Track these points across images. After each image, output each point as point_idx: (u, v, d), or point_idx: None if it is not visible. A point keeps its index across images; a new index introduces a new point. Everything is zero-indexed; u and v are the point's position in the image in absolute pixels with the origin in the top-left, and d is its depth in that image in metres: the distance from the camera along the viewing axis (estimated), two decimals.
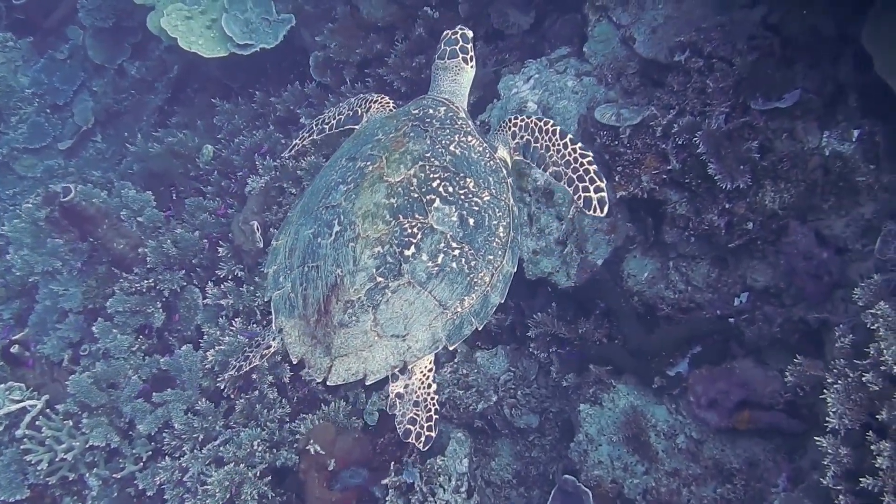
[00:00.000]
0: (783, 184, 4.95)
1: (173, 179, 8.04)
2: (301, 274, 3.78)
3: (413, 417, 3.73)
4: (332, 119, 4.83)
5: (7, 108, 10.56)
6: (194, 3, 8.23)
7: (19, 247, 7.54)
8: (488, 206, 3.80)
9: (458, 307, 3.66)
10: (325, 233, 3.73)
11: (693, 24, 5.37)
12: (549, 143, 4.08)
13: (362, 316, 3.56)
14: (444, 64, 4.43)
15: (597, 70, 5.78)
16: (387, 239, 3.58)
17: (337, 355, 3.59)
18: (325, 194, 3.90)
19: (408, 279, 3.56)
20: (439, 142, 3.88)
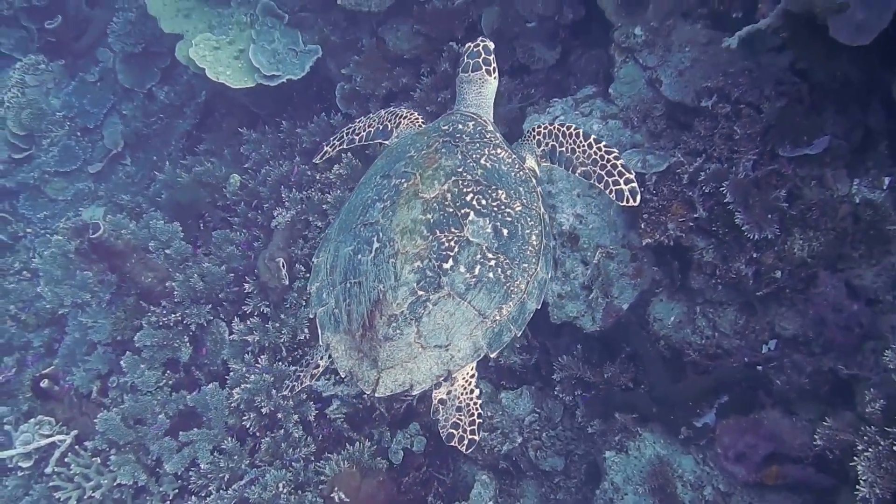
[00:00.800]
0: (812, 232, 4.89)
1: (201, 209, 8.08)
2: (344, 290, 3.86)
3: (456, 422, 3.79)
4: (362, 130, 4.90)
5: (39, 130, 10.67)
6: (222, 34, 8.27)
7: (49, 279, 7.62)
8: (520, 216, 3.88)
9: (497, 315, 3.74)
10: (365, 249, 3.81)
11: (720, 67, 5.31)
12: (574, 145, 4.17)
13: (406, 329, 3.64)
14: (468, 77, 4.49)
15: (623, 112, 5.74)
16: (425, 254, 3.67)
17: (384, 367, 3.68)
18: (363, 212, 3.98)
19: (447, 291, 3.65)
20: (470, 156, 3.96)
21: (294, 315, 6.57)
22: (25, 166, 10.56)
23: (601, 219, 5.55)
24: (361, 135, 4.89)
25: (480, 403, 3.86)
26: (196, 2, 8.70)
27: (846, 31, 4.11)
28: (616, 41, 5.88)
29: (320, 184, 7.42)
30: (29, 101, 10.70)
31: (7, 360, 8.29)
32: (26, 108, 10.65)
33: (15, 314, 8.62)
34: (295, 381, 4.19)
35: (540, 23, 6.88)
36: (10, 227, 10.25)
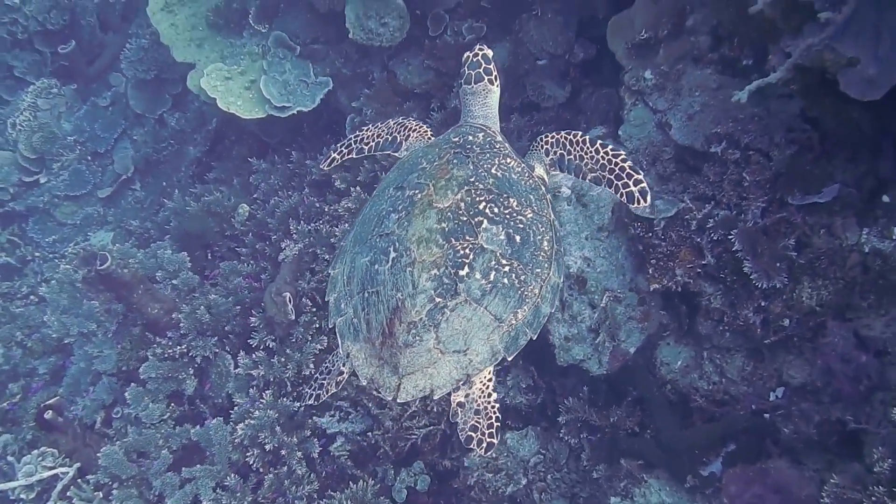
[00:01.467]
0: (821, 281, 4.86)
1: (209, 239, 8.09)
2: (362, 300, 3.96)
3: (474, 425, 3.89)
4: (371, 140, 4.97)
5: (50, 154, 10.72)
6: (234, 64, 8.31)
7: (56, 308, 7.62)
8: (532, 223, 3.99)
9: (513, 320, 3.85)
10: (381, 259, 3.91)
11: (729, 113, 5.29)
12: (581, 152, 4.31)
13: (425, 335, 3.74)
14: (472, 89, 4.59)
15: (632, 155, 5.72)
16: (441, 261, 3.78)
17: (404, 374, 3.77)
18: (378, 223, 4.07)
19: (464, 297, 3.75)
20: (481, 166, 4.09)
21: (300, 350, 6.55)
22: (35, 190, 10.62)
23: (609, 262, 5.53)
24: (371, 144, 4.97)
25: (498, 407, 3.96)
26: (209, 32, 8.74)
27: (857, 86, 4.09)
28: (626, 84, 5.88)
29: (329, 216, 7.42)
30: (40, 125, 10.76)
31: (12, 386, 8.28)
32: (38, 131, 10.72)
33: (21, 340, 8.61)
34: (319, 391, 4.25)
35: (550, 61, 6.90)
36: (19, 250, 10.29)
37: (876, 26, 4.01)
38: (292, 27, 8.23)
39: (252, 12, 8.34)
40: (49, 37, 11.52)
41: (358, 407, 6.40)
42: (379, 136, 4.95)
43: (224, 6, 8.60)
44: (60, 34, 11.47)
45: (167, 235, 8.69)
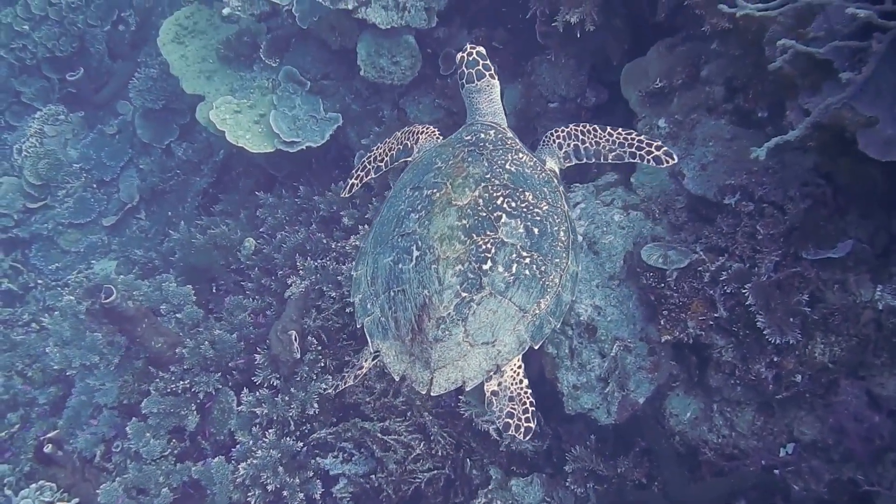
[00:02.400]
0: (834, 337, 4.82)
1: (214, 273, 8.05)
2: (388, 299, 4.04)
3: (510, 412, 4.03)
4: (384, 156, 5.09)
5: (55, 181, 10.70)
6: (243, 97, 8.31)
7: (59, 339, 7.55)
8: (548, 215, 4.13)
9: (536, 309, 3.97)
10: (405, 259, 4.01)
11: (744, 164, 5.28)
12: (596, 137, 4.59)
13: (454, 329, 3.85)
14: (476, 87, 4.70)
15: (644, 203, 5.70)
16: (465, 257, 3.89)
17: (436, 368, 3.88)
18: (398, 223, 4.17)
19: (489, 290, 3.88)
20: (495, 162, 4.21)
21: (304, 389, 6.49)
22: (39, 216, 10.58)
23: (620, 311, 5.49)
24: (385, 160, 5.09)
25: (531, 392, 4.11)
26: (219, 64, 8.76)
27: (875, 146, 4.08)
28: (639, 131, 5.86)
29: (336, 252, 7.39)
30: (47, 152, 10.76)
31: (11, 416, 8.22)
32: (44, 158, 10.72)
33: (21, 370, 8.55)
34: (339, 381, 4.50)
35: (562, 104, 6.91)
36: (22, 277, 10.25)
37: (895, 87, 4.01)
38: (303, 62, 8.25)
39: (263, 46, 8.36)
40: (57, 63, 11.57)
41: (362, 448, 6.34)
42: (390, 149, 5.06)
43: (235, 39, 8.62)
44: (69, 61, 11.51)
45: (172, 267, 8.66)
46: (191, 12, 9.35)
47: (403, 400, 6.42)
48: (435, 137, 4.91)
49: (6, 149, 11.36)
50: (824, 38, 4.18)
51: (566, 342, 5.58)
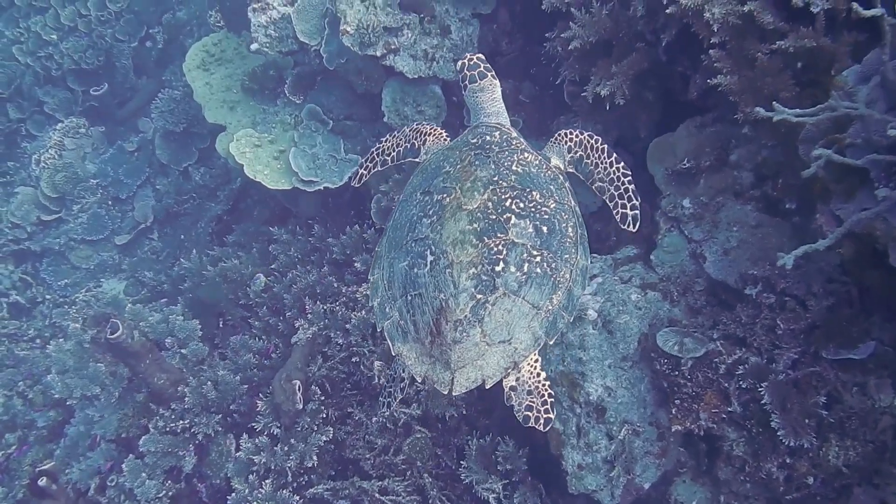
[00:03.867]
0: (850, 441, 4.70)
1: (222, 308, 7.97)
2: (405, 302, 4.12)
3: (529, 405, 4.11)
4: (391, 150, 5.16)
5: (71, 195, 10.68)
6: (265, 131, 8.25)
7: (61, 368, 7.48)
8: (556, 212, 4.20)
9: (549, 305, 4.05)
10: (420, 263, 4.08)
11: (767, 252, 5.18)
12: (598, 160, 4.61)
13: (471, 331, 3.92)
14: (479, 86, 4.76)
15: (663, 283, 5.60)
16: (478, 260, 3.96)
17: (456, 368, 3.95)
18: (410, 228, 4.24)
19: (502, 291, 3.94)
20: (502, 164, 4.28)
21: (304, 440, 6.39)
22: (52, 231, 10.54)
23: (631, 394, 5.38)
24: (392, 155, 5.14)
25: (549, 384, 4.17)
26: (242, 95, 8.71)
27: None
28: (663, 209, 5.78)
29: (346, 297, 7.30)
30: (65, 164, 10.77)
31: (9, 436, 8.15)
32: (61, 170, 10.73)
33: (23, 391, 8.49)
34: (389, 398, 4.48)
35: None
36: (31, 290, 10.20)
37: None
38: (327, 101, 8.19)
39: (288, 82, 8.30)
40: (82, 76, 11.59)
41: None
42: (398, 145, 5.12)
43: (260, 72, 8.58)
44: (94, 74, 11.54)
45: (180, 296, 8.58)
46: (219, 39, 9.33)
47: (404, 458, 6.32)
48: (442, 139, 4.98)
49: (25, 158, 11.37)
50: (861, 146, 4.09)
51: (573, 419, 5.47)
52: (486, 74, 4.77)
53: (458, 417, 6.40)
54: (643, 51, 5.76)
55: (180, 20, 11.97)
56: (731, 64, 5.05)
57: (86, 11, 11.76)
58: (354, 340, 6.83)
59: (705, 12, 4.97)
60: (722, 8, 4.95)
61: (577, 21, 5.83)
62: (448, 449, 6.47)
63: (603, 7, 5.85)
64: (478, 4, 7.27)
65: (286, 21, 7.85)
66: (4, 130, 11.60)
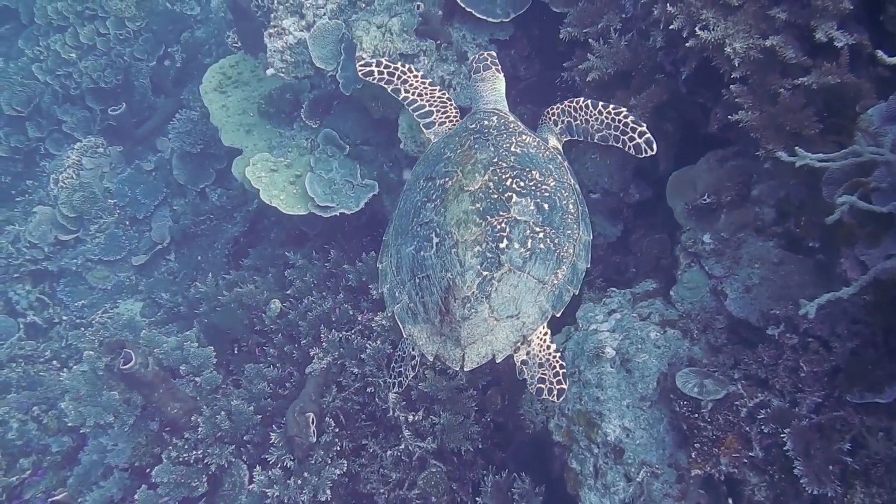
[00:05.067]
0: (875, 489, 4.55)
1: (237, 334, 7.91)
2: (414, 285, 4.27)
3: (541, 377, 4.27)
4: (412, 91, 5.33)
5: (88, 214, 10.68)
6: (281, 155, 8.20)
7: (75, 396, 7.44)
8: (556, 190, 4.36)
9: (554, 280, 4.20)
10: (426, 246, 4.22)
11: (789, 290, 5.06)
12: (586, 115, 4.74)
13: (479, 307, 4.05)
14: (481, 76, 5.09)
15: (682, 320, 5.48)
16: (482, 238, 4.10)
17: (467, 344, 4.09)
18: (415, 214, 4.40)
19: (508, 267, 4.08)
20: (501, 146, 4.45)
21: (317, 474, 6.31)
22: (70, 251, 10.55)
23: (649, 435, 5.26)
24: (410, 94, 5.30)
25: (560, 356, 4.36)
26: (259, 119, 8.68)
27: None
28: (683, 244, 5.66)
29: (361, 325, 7.22)
30: (82, 184, 10.78)
31: (23, 461, 8.13)
32: (79, 190, 10.73)
33: (37, 415, 8.46)
34: (400, 378, 4.59)
35: (604, 196, 6.70)
36: (48, 310, 10.20)
37: None
38: (343, 126, 8.12)
39: (305, 106, 8.25)
40: (101, 94, 11.62)
41: None
42: (421, 95, 5.27)
43: (277, 96, 8.53)
44: (112, 93, 11.56)
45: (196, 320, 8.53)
46: (235, 61, 9.31)
47: (419, 493, 6.23)
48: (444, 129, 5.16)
49: (43, 177, 11.37)
50: (887, 191, 3.97)
51: (591, 459, 5.36)
52: (490, 67, 5.06)
53: (473, 451, 6.31)
54: (663, 83, 5.65)
55: (199, 39, 11.98)
56: (753, 99, 4.94)
57: (104, 30, 11.79)
58: (370, 370, 6.76)
59: (726, 46, 4.87)
60: (743, 42, 4.85)
61: (595, 52, 5.73)
62: (463, 484, 6.38)
63: (621, 38, 5.75)
64: (495, 30, 7.18)
65: (302, 46, 7.79)
66: (23, 149, 11.62)
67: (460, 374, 6.26)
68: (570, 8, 6.37)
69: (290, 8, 7.85)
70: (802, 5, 4.78)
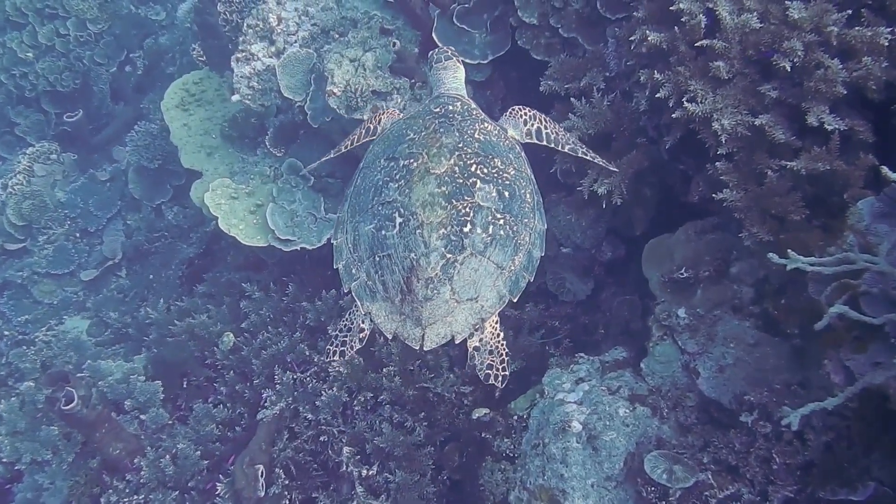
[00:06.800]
0: None
1: (187, 368, 7.58)
2: (373, 263, 4.37)
3: (490, 363, 4.38)
4: (354, 137, 5.56)
5: (38, 224, 10.24)
6: (242, 182, 7.88)
7: (11, 429, 7.05)
8: (515, 179, 4.52)
9: (512, 266, 4.35)
10: (388, 225, 4.31)
11: (765, 374, 4.92)
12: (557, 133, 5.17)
13: (441, 288, 4.19)
14: (442, 65, 5.25)
15: (652, 395, 5.31)
16: (447, 221, 4.21)
17: (427, 324, 4.23)
18: (376, 192, 4.48)
19: (470, 251, 4.22)
20: (465, 132, 4.56)
21: None
22: (16, 262, 10.09)
23: None
24: (353, 139, 5.53)
25: (506, 343, 4.50)
26: (221, 141, 8.36)
27: None
28: (656, 315, 5.48)
29: (317, 367, 6.95)
30: (33, 192, 10.35)
31: None
32: (29, 198, 10.30)
33: None
34: (343, 347, 4.61)
35: (575, 250, 6.52)
36: None
37: None
38: (309, 156, 7.79)
39: (270, 133, 7.93)
40: (57, 98, 11.20)
41: None
42: (355, 134, 5.51)
43: (241, 119, 8.21)
44: (70, 97, 11.14)
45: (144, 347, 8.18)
46: (200, 78, 8.98)
47: None
48: (395, 116, 5.28)
49: None
50: (877, 297, 3.81)
51: None
52: (451, 58, 5.27)
53: None
54: (644, 148, 5.48)
55: (162, 46, 11.59)
56: (738, 177, 4.78)
57: (65, 31, 11.32)
58: (324, 419, 6.50)
59: (714, 122, 4.70)
60: (731, 119, 4.68)
61: (576, 112, 5.53)
62: None
63: (604, 98, 5.56)
64: (471, 72, 6.94)
65: (270, 73, 7.49)
66: None
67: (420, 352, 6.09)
68: (551, 57, 6.18)
69: (260, 32, 7.56)
70: (794, 84, 4.64)
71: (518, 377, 6.22)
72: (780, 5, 4.68)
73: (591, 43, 6.05)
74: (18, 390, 7.46)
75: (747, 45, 4.73)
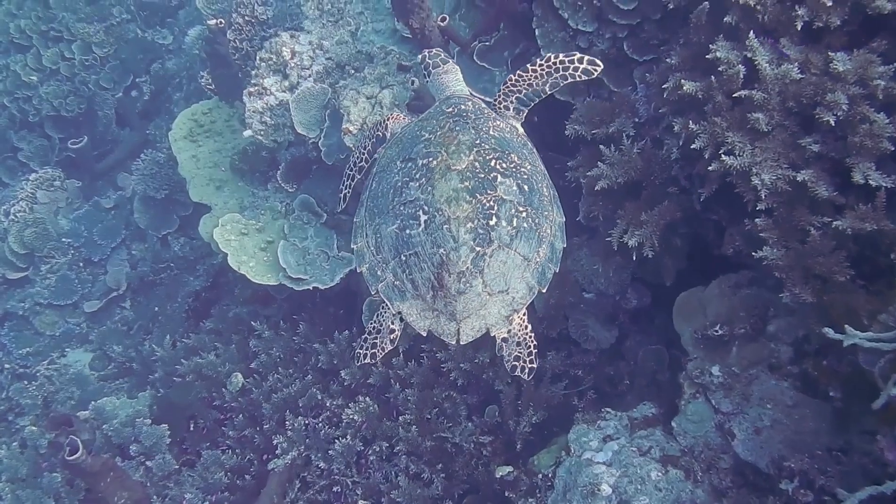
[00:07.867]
0: None
1: (194, 410, 7.35)
2: (399, 263, 4.37)
3: (517, 355, 4.43)
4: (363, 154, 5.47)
5: (40, 252, 10.03)
6: (252, 217, 7.67)
7: (12, 476, 6.81)
8: (532, 173, 4.57)
9: (537, 258, 4.40)
10: (412, 224, 4.32)
11: (803, 437, 4.70)
12: (527, 81, 5.00)
13: (473, 281, 4.22)
14: (444, 69, 5.23)
15: (685, 457, 5.08)
16: (473, 215, 4.24)
17: (461, 318, 4.27)
18: (396, 193, 4.47)
19: (498, 244, 4.25)
20: (481, 129, 4.59)
21: None
22: (17, 293, 9.86)
23: None
24: (364, 156, 5.44)
25: (534, 335, 4.52)
26: (231, 175, 8.17)
27: None
28: (689, 372, 5.25)
29: (330, 412, 6.74)
30: (35, 220, 10.15)
31: None
32: (32, 226, 10.11)
33: None
34: (373, 349, 4.58)
35: (599, 297, 6.29)
36: None
37: None
38: (321, 193, 7.63)
39: (281, 168, 7.73)
40: (61, 123, 11.01)
41: None
42: (366, 147, 5.42)
43: (252, 152, 8.03)
44: (74, 122, 10.96)
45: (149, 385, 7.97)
46: (209, 108, 8.78)
47: None
48: (402, 120, 5.25)
49: None
50: None
51: None
52: (447, 60, 5.25)
53: None
54: (676, 198, 5.27)
55: (169, 71, 11.40)
56: (779, 234, 4.57)
57: (70, 54, 11.16)
58: (338, 468, 6.30)
59: (753, 176, 4.49)
60: (772, 173, 4.48)
61: (605, 159, 5.32)
62: None
63: (634, 145, 5.36)
64: None
65: (284, 108, 7.29)
66: None
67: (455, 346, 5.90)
68: (575, 99, 5.98)
69: (273, 66, 7.36)
70: (836, 138, 4.44)
71: (540, 429, 6.02)
72: (822, 55, 4.50)
73: (618, 85, 5.84)
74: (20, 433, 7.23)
75: (787, 96, 4.53)
